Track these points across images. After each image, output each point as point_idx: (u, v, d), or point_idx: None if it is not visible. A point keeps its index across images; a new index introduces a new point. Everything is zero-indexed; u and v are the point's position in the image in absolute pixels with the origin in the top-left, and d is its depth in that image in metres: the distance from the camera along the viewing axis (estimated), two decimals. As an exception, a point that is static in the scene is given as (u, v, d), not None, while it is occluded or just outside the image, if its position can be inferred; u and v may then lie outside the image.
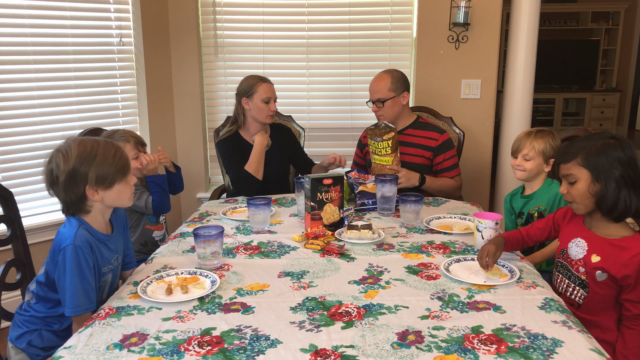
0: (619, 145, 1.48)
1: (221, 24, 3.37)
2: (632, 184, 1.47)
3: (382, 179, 2.11)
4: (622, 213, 1.49)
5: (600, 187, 1.48)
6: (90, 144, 1.50)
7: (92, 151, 1.48)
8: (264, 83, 2.55)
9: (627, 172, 1.46)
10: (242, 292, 1.46)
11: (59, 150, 1.49)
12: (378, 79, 2.54)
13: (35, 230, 2.69)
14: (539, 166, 2.01)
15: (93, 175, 1.47)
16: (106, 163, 1.49)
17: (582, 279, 1.56)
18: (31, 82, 2.74)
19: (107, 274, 1.59)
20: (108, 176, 1.49)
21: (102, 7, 2.99)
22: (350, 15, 3.34)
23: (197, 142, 3.47)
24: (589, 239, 1.56)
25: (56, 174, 1.47)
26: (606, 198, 1.48)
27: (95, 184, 1.48)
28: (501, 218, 1.75)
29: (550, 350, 1.15)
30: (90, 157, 1.47)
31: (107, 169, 1.49)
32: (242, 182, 2.46)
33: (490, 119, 3.35)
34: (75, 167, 1.46)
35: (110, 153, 1.51)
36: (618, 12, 7.90)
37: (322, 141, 3.48)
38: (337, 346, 1.18)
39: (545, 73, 6.94)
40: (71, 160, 1.46)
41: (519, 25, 3.12)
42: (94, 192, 1.49)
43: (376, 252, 1.74)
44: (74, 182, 1.47)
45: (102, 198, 1.51)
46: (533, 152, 2.00)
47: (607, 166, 1.47)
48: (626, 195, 1.46)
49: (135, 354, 1.16)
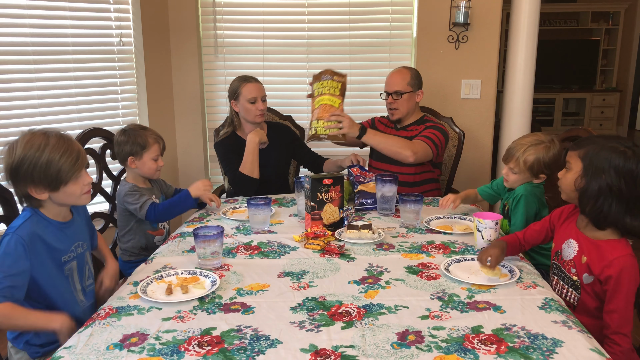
0: (629, 157, 1.43)
1: (221, 24, 3.37)
2: (619, 195, 1.42)
3: (382, 179, 2.11)
4: (600, 219, 1.47)
5: (584, 185, 1.48)
6: (38, 142, 1.43)
7: (37, 150, 1.42)
8: (248, 83, 2.53)
9: (618, 183, 1.42)
10: (242, 292, 1.46)
11: (8, 144, 1.45)
12: (398, 72, 2.55)
13: (35, 230, 2.69)
14: (525, 180, 1.95)
15: (37, 176, 1.42)
16: (52, 164, 1.43)
17: (574, 280, 1.55)
18: (31, 82, 2.73)
19: (69, 262, 1.56)
20: (53, 178, 1.43)
21: (102, 7, 2.99)
22: (350, 15, 3.34)
23: (197, 142, 3.47)
24: (579, 240, 1.55)
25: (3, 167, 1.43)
26: (585, 197, 1.48)
27: (38, 187, 1.44)
28: (501, 218, 1.75)
29: (550, 350, 1.15)
30: (34, 157, 1.41)
31: (52, 170, 1.43)
32: (239, 184, 2.47)
33: (490, 119, 3.35)
34: (18, 165, 1.42)
35: (57, 153, 1.43)
36: (618, 12, 7.91)
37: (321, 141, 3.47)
38: (337, 346, 1.18)
39: (545, 73, 6.95)
40: (15, 156, 1.42)
41: (519, 25, 3.12)
42: (39, 192, 1.44)
43: (376, 252, 1.74)
44: (17, 179, 1.43)
45: (50, 197, 1.47)
46: (518, 168, 1.93)
47: (600, 169, 1.44)
48: (608, 203, 1.43)
49: (135, 354, 1.16)
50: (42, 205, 1.50)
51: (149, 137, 2.13)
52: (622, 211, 1.44)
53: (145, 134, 2.14)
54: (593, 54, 8.07)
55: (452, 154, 2.93)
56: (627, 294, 1.43)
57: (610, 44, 8.09)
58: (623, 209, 1.44)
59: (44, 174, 1.43)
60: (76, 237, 1.59)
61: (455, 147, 2.92)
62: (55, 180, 1.45)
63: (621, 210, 1.44)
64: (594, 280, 1.49)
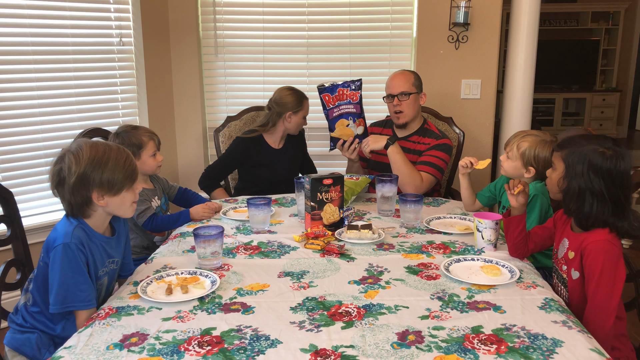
0: (607, 157, 1.43)
1: (221, 23, 3.37)
2: (600, 196, 1.42)
3: (382, 179, 2.11)
4: (583, 220, 1.47)
5: (566, 186, 1.49)
6: (102, 148, 1.49)
7: (104, 155, 1.47)
8: (307, 101, 2.67)
9: (598, 184, 1.42)
10: (242, 292, 1.46)
11: (70, 152, 1.47)
12: (400, 74, 2.50)
13: (35, 230, 2.69)
14: (517, 169, 1.95)
15: (104, 180, 1.46)
16: (117, 169, 1.48)
17: (564, 278, 1.56)
18: (31, 82, 2.74)
19: (103, 277, 1.57)
20: (117, 182, 1.48)
21: (102, 7, 2.99)
22: (350, 15, 3.34)
23: (197, 142, 3.48)
24: (570, 237, 1.56)
25: (64, 175, 1.45)
26: (567, 198, 1.49)
27: (103, 189, 1.47)
28: (501, 218, 1.75)
29: (550, 350, 1.15)
30: (102, 162, 1.46)
31: (117, 175, 1.48)
32: (206, 178, 2.70)
33: (490, 119, 3.35)
34: (87, 170, 1.45)
35: (121, 159, 1.50)
36: (618, 12, 7.90)
37: (322, 141, 3.47)
38: (337, 346, 1.18)
39: (545, 73, 6.94)
40: (83, 162, 1.44)
41: (519, 25, 3.12)
42: (100, 197, 1.48)
43: (376, 252, 1.74)
44: (83, 185, 1.45)
45: (107, 204, 1.50)
46: (512, 153, 1.95)
47: (580, 170, 1.45)
48: (589, 204, 1.43)
49: (135, 354, 1.16)
50: (89, 216, 1.52)
51: (143, 135, 2.13)
52: (605, 212, 1.44)
53: (138, 133, 2.13)
54: (593, 54, 8.06)
55: (452, 154, 2.93)
56: (600, 280, 1.40)
57: (610, 44, 8.08)
58: (606, 209, 1.43)
59: (111, 176, 1.47)
60: (112, 254, 1.60)
61: (455, 147, 2.92)
62: (120, 183, 1.49)
63: (604, 211, 1.43)
64: (579, 276, 1.48)
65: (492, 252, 1.74)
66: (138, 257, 2.16)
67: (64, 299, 1.42)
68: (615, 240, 1.45)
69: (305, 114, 2.68)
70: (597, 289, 1.42)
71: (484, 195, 2.16)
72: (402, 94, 2.44)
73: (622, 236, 1.47)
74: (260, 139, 2.67)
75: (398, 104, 2.45)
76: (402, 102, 2.44)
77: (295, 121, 2.65)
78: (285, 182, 2.63)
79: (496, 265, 1.59)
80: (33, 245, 2.11)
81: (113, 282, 1.67)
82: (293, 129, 2.69)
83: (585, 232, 1.49)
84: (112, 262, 1.61)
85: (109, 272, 1.60)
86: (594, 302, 1.43)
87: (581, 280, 1.49)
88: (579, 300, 1.51)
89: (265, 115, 2.68)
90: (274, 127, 2.66)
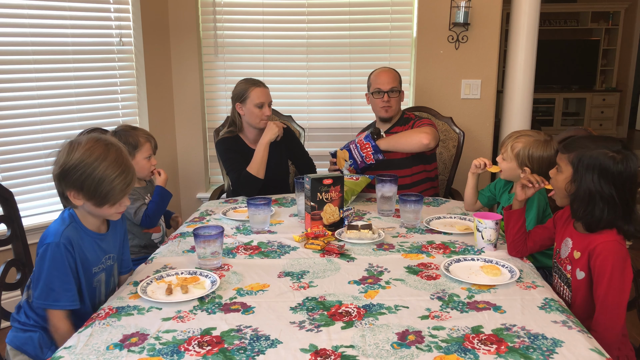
0: (618, 161, 1.41)
1: (221, 24, 3.37)
2: (610, 200, 1.41)
3: (382, 179, 2.11)
4: (592, 224, 1.46)
5: (574, 190, 1.48)
6: (98, 152, 1.42)
7: (95, 160, 1.40)
8: (257, 87, 2.51)
9: (608, 188, 1.41)
10: (242, 292, 1.46)
11: (70, 142, 1.45)
12: (389, 71, 2.62)
13: (35, 230, 2.69)
14: (513, 170, 1.94)
15: (86, 187, 1.41)
16: (105, 182, 1.41)
17: (568, 278, 1.56)
18: (31, 82, 2.74)
19: (99, 273, 1.56)
20: (101, 196, 1.43)
21: (102, 7, 2.99)
22: (350, 15, 3.34)
23: (197, 142, 3.47)
24: (573, 237, 1.55)
25: (55, 162, 1.43)
26: (576, 202, 1.48)
27: (80, 193, 1.43)
28: (501, 218, 1.75)
29: (550, 350, 1.15)
30: (90, 168, 1.40)
31: (103, 189, 1.41)
32: (243, 184, 2.45)
33: (490, 119, 3.35)
34: (71, 169, 1.41)
35: (113, 171, 1.42)
36: (618, 12, 7.90)
37: (322, 141, 3.47)
38: (337, 346, 1.18)
39: (545, 73, 6.94)
40: (72, 159, 1.41)
41: (519, 25, 3.12)
42: (76, 197, 1.44)
43: (376, 252, 1.74)
44: (64, 180, 1.43)
45: (84, 205, 1.46)
46: (507, 154, 1.94)
47: (589, 174, 1.43)
48: (600, 208, 1.42)
49: (135, 354, 1.16)
50: (77, 207, 1.50)
51: (140, 136, 2.13)
52: (614, 216, 1.43)
53: (136, 133, 2.13)
54: (593, 54, 8.06)
55: (452, 154, 2.93)
56: (610, 280, 1.40)
57: (610, 44, 8.08)
58: (615, 213, 1.43)
59: (94, 188, 1.41)
60: (108, 250, 1.58)
61: (455, 147, 2.92)
62: (102, 199, 1.44)
63: (614, 215, 1.43)
64: (585, 276, 1.48)
65: (492, 252, 1.74)
66: (137, 257, 2.16)
67: (47, 296, 1.43)
68: (623, 241, 1.45)
69: (256, 101, 2.47)
70: (609, 290, 1.41)
71: (484, 194, 2.16)
72: (392, 90, 2.56)
73: (628, 238, 1.47)
74: (238, 139, 2.61)
75: (388, 99, 2.56)
76: (391, 98, 2.56)
77: (247, 112, 2.51)
78: (274, 184, 2.58)
79: (496, 265, 1.59)
80: (33, 245, 2.10)
81: (112, 278, 1.65)
82: (250, 120, 2.52)
83: (593, 233, 1.48)
84: (108, 258, 1.59)
85: (105, 268, 1.58)
86: (605, 303, 1.42)
87: (587, 281, 1.48)
88: (583, 301, 1.51)
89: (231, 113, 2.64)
90: (240, 122, 2.59)
